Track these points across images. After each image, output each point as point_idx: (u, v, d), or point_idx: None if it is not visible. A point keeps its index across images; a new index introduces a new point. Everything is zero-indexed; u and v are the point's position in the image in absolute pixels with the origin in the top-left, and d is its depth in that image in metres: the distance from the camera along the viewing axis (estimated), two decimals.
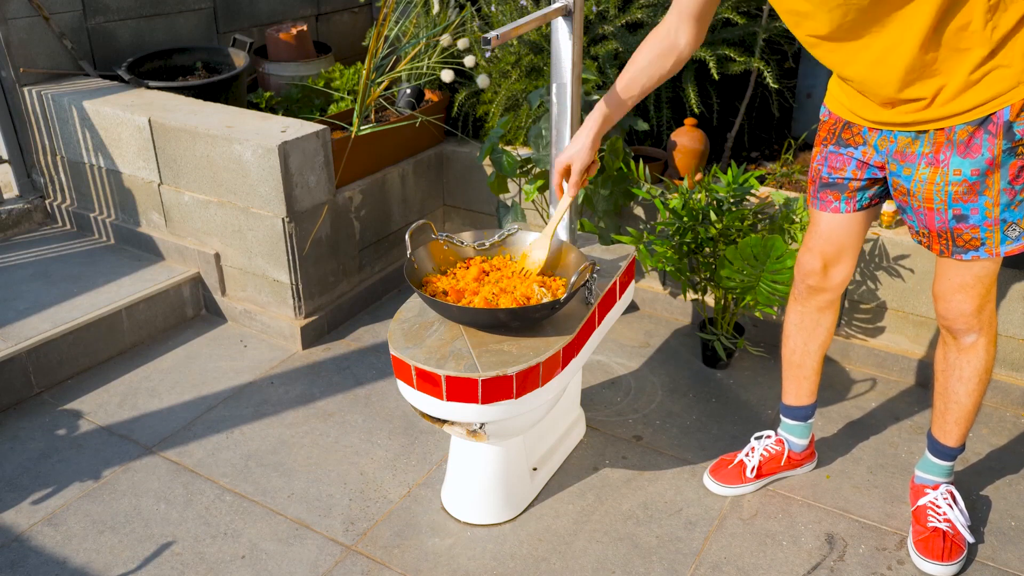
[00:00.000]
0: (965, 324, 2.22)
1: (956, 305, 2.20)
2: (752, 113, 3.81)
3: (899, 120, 2.06)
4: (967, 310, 2.20)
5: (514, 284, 2.36)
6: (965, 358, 2.28)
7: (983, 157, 1.98)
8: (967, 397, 2.33)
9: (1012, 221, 2.04)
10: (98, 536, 2.53)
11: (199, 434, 2.96)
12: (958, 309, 2.21)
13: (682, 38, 2.21)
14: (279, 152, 3.13)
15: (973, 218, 2.05)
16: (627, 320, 3.63)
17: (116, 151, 3.65)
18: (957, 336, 2.26)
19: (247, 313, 3.56)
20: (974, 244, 2.09)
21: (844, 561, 2.44)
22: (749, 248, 2.88)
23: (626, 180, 3.25)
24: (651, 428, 2.99)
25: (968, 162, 2.00)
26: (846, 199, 2.30)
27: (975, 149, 1.99)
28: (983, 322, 2.22)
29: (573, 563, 2.44)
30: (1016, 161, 1.98)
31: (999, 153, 1.97)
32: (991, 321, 2.24)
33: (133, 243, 3.80)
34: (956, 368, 2.31)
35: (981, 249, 2.09)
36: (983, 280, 2.15)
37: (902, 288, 3.12)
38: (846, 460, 2.83)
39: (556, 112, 2.75)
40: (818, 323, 2.53)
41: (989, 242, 2.07)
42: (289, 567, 2.43)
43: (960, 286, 2.17)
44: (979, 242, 2.08)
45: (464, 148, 3.96)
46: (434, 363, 2.17)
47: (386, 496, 2.69)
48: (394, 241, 3.86)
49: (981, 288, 2.16)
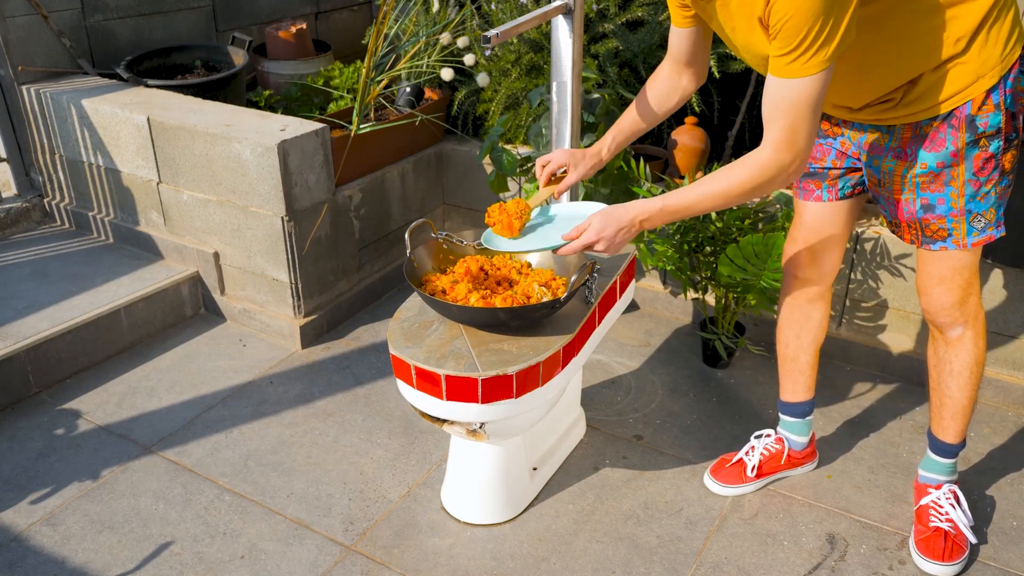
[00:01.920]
0: (948, 317, 2.25)
1: (937, 298, 2.24)
2: (753, 112, 3.80)
3: (869, 118, 2.14)
4: (947, 303, 2.23)
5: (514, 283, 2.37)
6: (953, 352, 2.31)
7: (947, 150, 2.04)
8: (959, 391, 2.35)
9: (977, 212, 2.10)
10: (96, 536, 2.53)
11: (198, 434, 2.95)
12: (939, 302, 2.24)
13: (683, 80, 2.35)
14: (278, 151, 3.12)
15: (939, 208, 2.11)
16: (627, 319, 3.62)
17: (115, 150, 3.64)
18: (943, 330, 2.29)
19: (246, 312, 3.55)
20: (941, 235, 2.14)
21: (845, 561, 2.44)
22: (750, 246, 2.88)
23: (626, 179, 3.24)
24: (651, 428, 2.98)
25: (933, 155, 2.06)
26: (828, 187, 2.35)
27: (939, 143, 2.05)
28: (967, 315, 2.25)
29: (573, 563, 2.43)
30: (979, 153, 2.04)
31: (963, 146, 2.03)
32: (976, 314, 2.27)
33: (132, 242, 3.79)
34: (946, 363, 2.33)
35: (949, 240, 2.14)
36: (961, 272, 2.19)
37: (903, 287, 3.12)
38: (847, 459, 2.82)
39: (556, 110, 2.75)
40: (809, 316, 2.54)
41: (956, 233, 2.13)
42: (288, 567, 2.42)
43: (939, 279, 2.21)
44: (946, 232, 2.13)
45: (464, 147, 3.95)
46: (434, 362, 2.16)
47: (386, 496, 2.68)
48: (394, 240, 3.86)
49: (960, 280, 2.20)
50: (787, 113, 1.87)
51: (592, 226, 2.07)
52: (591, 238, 2.07)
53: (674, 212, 2.04)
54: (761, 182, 1.94)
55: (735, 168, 1.96)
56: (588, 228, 2.08)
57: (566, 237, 2.12)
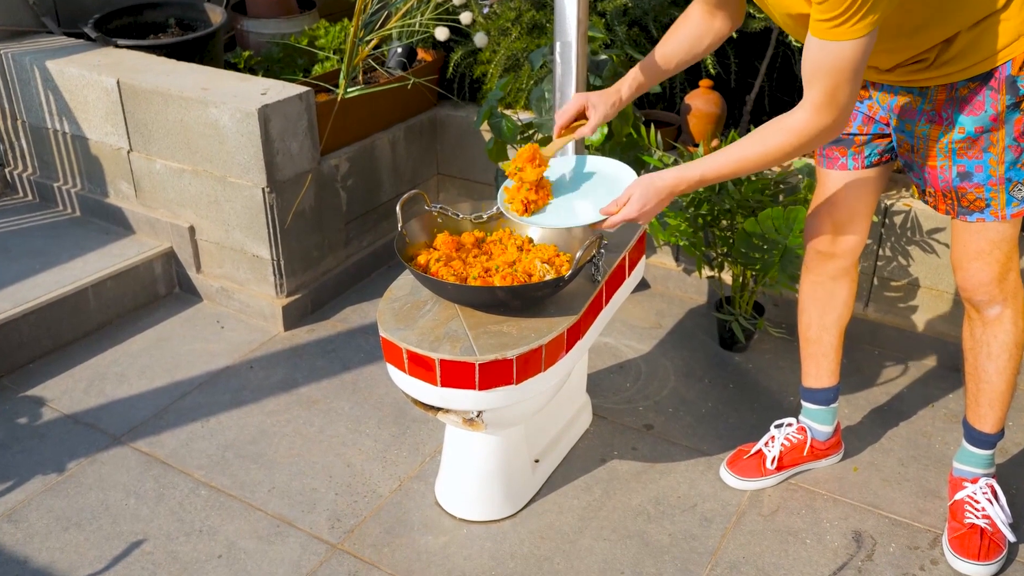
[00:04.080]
0: (986, 295, 2.24)
1: (974, 274, 2.23)
2: (773, 74, 3.79)
3: (900, 79, 2.13)
4: (985, 279, 2.22)
5: (514, 259, 2.36)
6: (991, 332, 2.30)
7: (987, 114, 2.04)
8: (997, 376, 2.34)
9: (1018, 180, 2.10)
10: (62, 533, 2.53)
11: (172, 423, 2.95)
12: (976, 279, 2.23)
13: (716, 22, 2.33)
14: (259, 116, 3.11)
15: (977, 176, 2.11)
16: (637, 299, 3.62)
17: (82, 115, 3.63)
18: (980, 309, 2.29)
19: (224, 291, 3.55)
20: (979, 205, 2.14)
21: (873, 561, 2.44)
22: (770, 220, 2.87)
23: (636, 147, 3.24)
24: (663, 416, 2.98)
25: (971, 119, 2.06)
26: (853, 155, 2.34)
27: (978, 106, 2.04)
28: (1006, 292, 2.25)
29: (578, 563, 2.43)
30: (1021, 116, 2.04)
31: (1003, 109, 2.03)
32: (1016, 292, 2.26)
33: (100, 215, 3.78)
34: (983, 344, 2.32)
35: (986, 211, 2.14)
36: (1000, 246, 2.19)
37: (936, 264, 3.11)
38: (875, 451, 2.82)
39: (560, 73, 2.75)
40: (832, 294, 2.54)
41: (994, 203, 2.12)
42: (270, 567, 2.42)
43: (976, 253, 2.21)
44: (984, 203, 2.13)
45: (460, 112, 3.94)
46: (427, 346, 2.16)
47: (375, 490, 2.68)
48: (384, 213, 3.86)
49: (999, 255, 2.19)
50: (829, 76, 1.88)
51: (634, 199, 2.09)
52: (633, 214, 2.09)
53: (712, 180, 2.09)
54: (799, 144, 1.97)
55: (771, 132, 1.99)
56: (630, 201, 2.09)
57: (604, 212, 2.13)
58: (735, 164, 2.04)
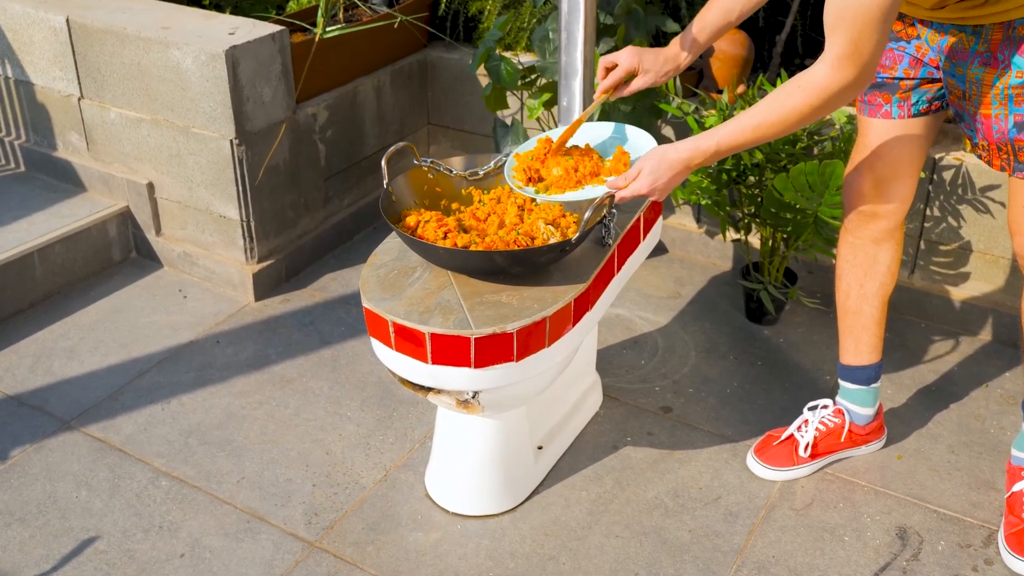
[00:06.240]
0: None
1: None
2: (807, 12, 3.78)
3: (952, 16, 2.12)
4: None
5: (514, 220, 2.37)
6: None
7: None
8: None
9: None
10: (4, 530, 2.53)
11: (128, 405, 2.96)
12: None
13: None
14: (226, 59, 3.12)
15: None
16: (653, 265, 3.61)
17: (26, 58, 3.63)
18: None
19: (187, 256, 3.56)
20: None
21: (919, 560, 2.43)
22: (803, 176, 2.87)
23: (652, 94, 3.25)
24: (683, 398, 2.99)
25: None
26: (899, 101, 2.33)
27: None
28: None
29: (586, 563, 2.44)
30: None
31: None
32: None
33: (47, 170, 3.80)
34: None
35: None
36: None
37: (991, 226, 3.11)
38: (922, 437, 2.82)
39: (566, 10, 2.75)
40: (875, 259, 2.54)
41: None
42: (239, 567, 2.43)
43: None
44: None
45: (453, 55, 3.96)
46: (416, 318, 2.16)
47: (358, 481, 2.69)
48: (368, 168, 3.88)
49: None
50: (853, 24, 1.88)
51: (643, 174, 2.13)
52: (643, 189, 2.14)
53: (728, 152, 2.12)
54: (820, 104, 1.98)
55: (789, 92, 2.01)
56: (640, 176, 2.13)
57: (612, 186, 2.19)
58: (751, 132, 2.06)
